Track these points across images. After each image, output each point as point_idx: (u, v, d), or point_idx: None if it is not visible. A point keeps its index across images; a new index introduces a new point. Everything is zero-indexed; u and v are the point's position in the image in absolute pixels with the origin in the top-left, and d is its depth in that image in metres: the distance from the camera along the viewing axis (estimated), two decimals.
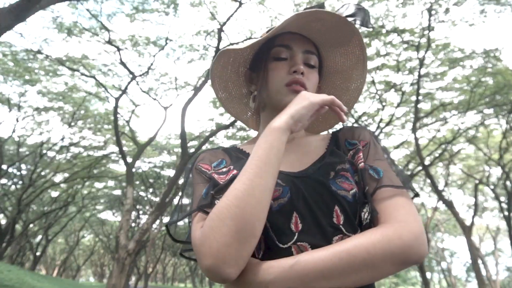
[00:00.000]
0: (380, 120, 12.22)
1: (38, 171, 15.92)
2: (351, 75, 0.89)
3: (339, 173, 0.73)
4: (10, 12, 3.75)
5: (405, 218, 0.64)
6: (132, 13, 10.43)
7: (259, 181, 0.63)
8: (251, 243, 0.61)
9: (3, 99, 13.32)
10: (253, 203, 0.61)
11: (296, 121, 0.70)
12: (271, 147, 0.66)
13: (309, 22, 0.78)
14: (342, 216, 0.68)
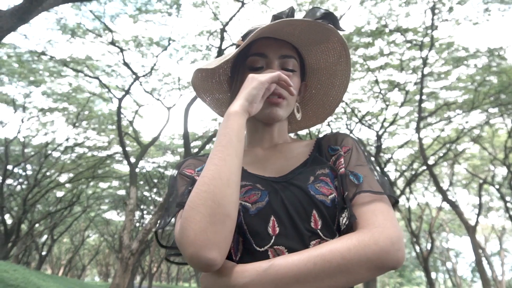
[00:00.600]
0: (383, 119, 12.17)
1: (43, 171, 16.04)
2: (336, 71, 0.89)
3: (319, 178, 0.73)
4: (12, 14, 3.79)
5: (382, 224, 0.64)
6: (135, 14, 10.48)
7: (223, 163, 0.65)
8: (227, 224, 0.62)
9: (9, 100, 13.44)
10: (221, 185, 0.63)
11: (251, 102, 0.72)
12: (230, 130, 0.68)
13: (281, 26, 0.78)
14: (320, 221, 0.69)
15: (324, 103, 0.94)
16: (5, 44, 10.00)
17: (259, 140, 0.87)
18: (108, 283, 29.60)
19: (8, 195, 17.27)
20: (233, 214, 0.64)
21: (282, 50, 0.82)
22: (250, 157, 0.85)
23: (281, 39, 0.83)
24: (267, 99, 0.78)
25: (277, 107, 0.80)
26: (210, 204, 0.62)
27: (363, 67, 10.96)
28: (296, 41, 0.84)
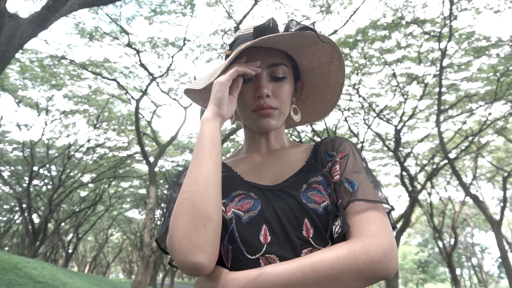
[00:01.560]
0: (402, 113, 11.94)
1: (67, 172, 16.53)
2: (330, 70, 0.87)
3: (311, 185, 0.73)
4: (31, 21, 3.92)
5: (375, 233, 0.64)
6: (150, 16, 10.62)
7: (199, 169, 0.67)
8: (209, 227, 0.64)
9: (32, 103, 13.91)
10: (198, 190, 0.65)
11: (219, 105, 0.74)
12: (203, 137, 0.71)
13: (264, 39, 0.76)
14: (312, 229, 0.68)
15: (322, 100, 0.94)
16: (27, 50, 10.35)
17: (257, 147, 0.87)
18: (131, 280, 30.28)
19: (35, 196, 17.90)
20: (214, 216, 0.65)
21: (270, 58, 0.80)
22: (247, 165, 0.85)
23: (270, 47, 0.81)
24: (257, 112, 0.78)
25: (269, 118, 0.79)
26: (190, 210, 0.64)
27: (380, 60, 10.76)
28: (283, 47, 0.82)
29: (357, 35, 9.93)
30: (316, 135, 14.08)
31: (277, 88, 0.80)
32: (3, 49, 3.56)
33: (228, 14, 10.58)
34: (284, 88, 0.81)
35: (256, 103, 0.79)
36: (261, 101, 0.78)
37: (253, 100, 0.79)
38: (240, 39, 0.81)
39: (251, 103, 0.80)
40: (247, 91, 0.80)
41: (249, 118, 0.82)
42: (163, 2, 10.29)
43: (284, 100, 0.81)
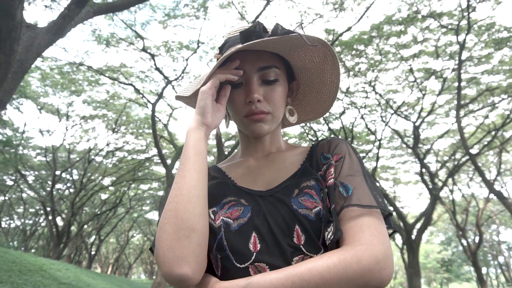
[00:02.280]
0: (420, 109, 11.68)
1: (88, 175, 16.94)
2: (324, 70, 0.84)
3: (303, 190, 0.71)
4: (48, 31, 4.03)
5: (368, 241, 0.61)
6: (164, 20, 10.76)
7: (183, 180, 0.67)
8: (192, 238, 0.63)
9: (53, 110, 14.32)
10: (182, 201, 0.65)
11: (203, 114, 0.74)
12: (187, 147, 0.71)
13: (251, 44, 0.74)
14: (303, 236, 0.66)
15: (318, 100, 0.91)
16: (47, 58, 10.66)
17: (252, 151, 0.86)
18: (153, 280, 30.74)
19: (58, 199, 18.41)
20: (198, 227, 0.64)
21: (260, 62, 0.78)
22: (241, 169, 0.84)
23: (260, 50, 0.79)
24: (249, 117, 0.77)
25: (261, 123, 0.77)
26: (174, 221, 0.63)
27: (396, 56, 10.57)
28: (273, 50, 0.79)
29: (371, 31, 9.78)
30: (332, 133, 13.94)
31: (269, 92, 0.78)
32: (22, 59, 3.67)
33: (241, 16, 10.60)
34: (276, 91, 0.79)
35: (247, 108, 0.77)
36: (252, 106, 0.76)
37: (245, 105, 0.77)
38: (229, 42, 0.78)
39: (243, 109, 0.78)
40: (238, 96, 0.78)
41: (242, 123, 0.80)
42: (176, 6, 10.40)
43: (276, 104, 0.79)
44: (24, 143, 16.52)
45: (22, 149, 16.59)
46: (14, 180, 19.10)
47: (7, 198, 21.94)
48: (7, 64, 2.93)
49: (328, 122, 14.09)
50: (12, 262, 8.14)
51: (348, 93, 12.02)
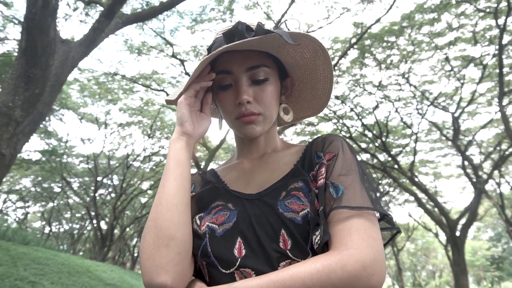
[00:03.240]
0: (459, 99, 11.11)
1: (127, 180, 17.63)
2: (316, 65, 0.81)
3: (290, 193, 0.69)
4: (81, 44, 4.23)
5: (356, 245, 0.58)
6: (192, 25, 10.97)
7: (163, 190, 0.67)
8: (171, 246, 0.63)
9: (93, 119, 15.05)
10: (162, 210, 0.65)
11: (182, 124, 0.74)
12: (168, 158, 0.72)
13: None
14: (290, 241, 0.64)
15: (314, 96, 0.88)
16: (84, 70, 11.22)
17: (247, 152, 0.84)
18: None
19: (101, 204, 19.31)
20: (177, 235, 0.64)
21: (248, 61, 0.75)
22: (236, 172, 0.82)
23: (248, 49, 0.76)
24: (240, 119, 0.75)
25: (253, 125, 0.75)
26: (153, 230, 0.64)
27: (430, 45, 10.12)
28: (260, 48, 0.76)
29: (402, 21, 9.43)
30: (366, 129, 13.60)
31: (259, 92, 0.76)
32: (58, 72, 3.88)
33: (267, 16, 10.60)
34: (266, 91, 0.76)
35: (237, 110, 0.75)
36: (242, 108, 0.74)
37: (235, 107, 0.76)
38: (216, 43, 0.77)
39: (233, 111, 0.76)
40: (228, 98, 0.77)
41: (234, 126, 0.79)
42: (203, 11, 10.57)
43: (267, 104, 0.76)
44: (68, 152, 17.47)
45: (67, 158, 17.57)
46: (60, 187, 20.29)
47: (55, 204, 23.34)
48: (44, 78, 3.11)
49: (361, 118, 13.76)
50: (62, 264, 8.64)
51: (380, 86, 11.66)
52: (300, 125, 17.19)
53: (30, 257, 10.17)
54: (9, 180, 22.74)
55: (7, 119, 2.95)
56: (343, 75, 12.61)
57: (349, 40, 10.48)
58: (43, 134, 15.52)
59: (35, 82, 3.02)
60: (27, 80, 2.99)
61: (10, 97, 2.96)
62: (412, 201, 19.39)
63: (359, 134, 14.58)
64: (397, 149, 14.76)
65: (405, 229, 26.52)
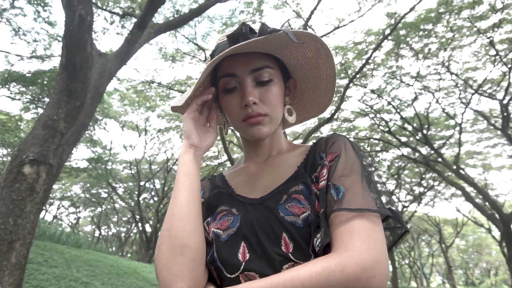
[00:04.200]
0: (508, 84, 10.39)
1: (168, 184, 18.20)
2: (318, 64, 0.81)
3: (291, 196, 0.69)
4: (116, 56, 4.43)
5: (356, 246, 0.57)
6: (222, 29, 11.12)
7: (175, 201, 0.70)
8: (186, 254, 0.66)
9: (133, 126, 15.70)
10: (174, 220, 0.68)
11: (189, 137, 0.77)
12: (178, 171, 0.75)
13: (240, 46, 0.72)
14: (291, 244, 0.64)
15: (317, 95, 0.88)
16: (123, 80, 11.74)
17: (253, 155, 0.85)
18: None
19: (145, 207, 20.10)
20: (191, 243, 0.67)
21: (252, 63, 0.76)
22: (242, 176, 0.83)
23: (250, 51, 0.77)
24: (247, 121, 0.76)
25: (260, 126, 0.76)
26: (168, 240, 0.66)
27: (472, 30, 9.56)
28: (264, 50, 0.77)
29: (439, 7, 8.98)
30: (406, 122, 13.10)
31: (264, 93, 0.76)
32: (97, 84, 4.09)
33: (296, 14, 10.52)
34: (271, 92, 0.77)
35: (244, 112, 0.76)
36: (249, 109, 0.75)
37: (241, 110, 0.76)
38: (219, 48, 0.78)
39: (239, 113, 0.77)
40: (234, 100, 0.77)
41: (240, 128, 0.79)
42: (232, 14, 10.69)
43: (273, 105, 0.77)
44: (112, 158, 18.36)
45: (111, 164, 18.47)
46: (107, 192, 21.36)
47: (103, 209, 24.62)
48: (84, 91, 3.29)
49: (400, 111, 13.27)
50: (111, 266, 9.10)
51: (419, 77, 11.19)
52: (336, 122, 16.90)
53: (82, 260, 10.79)
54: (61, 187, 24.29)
55: (53, 131, 3.16)
56: (378, 68, 12.23)
57: (382, 31, 10.15)
58: (89, 143, 16.40)
59: (76, 95, 3.21)
60: (69, 94, 3.18)
61: (54, 110, 3.16)
62: (459, 195, 18.41)
63: (398, 128, 14.07)
64: (440, 141, 14.09)
65: (454, 224, 25.21)
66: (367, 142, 17.32)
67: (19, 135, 12.04)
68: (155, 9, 4.28)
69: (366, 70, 12.25)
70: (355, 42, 11.25)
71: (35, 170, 3.07)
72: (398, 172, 18.66)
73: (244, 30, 0.71)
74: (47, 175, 3.15)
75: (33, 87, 11.06)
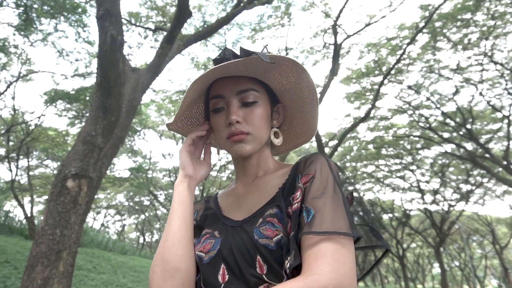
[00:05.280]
0: None
1: (206, 190, 18.59)
2: (301, 88, 0.84)
3: (266, 219, 0.71)
4: (148, 70, 4.61)
5: (320, 270, 0.58)
6: (251, 35, 11.23)
7: (169, 227, 0.76)
8: (176, 277, 0.70)
9: (170, 135, 16.18)
10: (167, 246, 0.73)
11: (184, 168, 0.83)
12: (173, 200, 0.80)
13: (223, 69, 0.76)
14: (265, 266, 0.67)
15: (304, 120, 0.91)
16: (158, 91, 12.16)
17: (242, 175, 0.88)
18: None
19: None
20: (182, 267, 0.71)
21: (238, 86, 0.81)
22: (231, 197, 0.87)
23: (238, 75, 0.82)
24: (231, 139, 0.80)
25: (242, 143, 0.79)
26: (161, 263, 0.71)
27: None
28: (248, 73, 0.82)
29: None
30: (447, 117, 12.50)
31: (248, 113, 0.80)
32: (131, 98, 4.28)
33: (325, 14, 10.40)
34: (255, 113, 0.81)
35: (228, 130, 0.80)
36: (232, 127, 0.79)
37: (226, 128, 0.80)
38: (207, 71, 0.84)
39: (224, 131, 0.81)
40: (220, 120, 0.82)
41: (225, 146, 0.83)
42: (261, 19, 10.77)
43: (256, 124, 0.80)
44: (152, 167, 19.03)
45: (152, 173, 19.15)
46: (149, 200, 22.17)
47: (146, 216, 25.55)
48: (118, 106, 3.45)
49: (440, 106, 12.69)
50: None
51: (459, 69, 10.65)
52: (373, 120, 16.45)
53: (128, 266, 11.26)
54: (106, 197, 25.53)
55: (92, 146, 3.34)
56: (414, 63, 11.78)
57: (416, 25, 9.78)
58: (130, 153, 17.12)
59: (111, 111, 3.38)
60: (105, 110, 3.35)
61: (92, 126, 3.35)
62: None
63: (440, 124, 13.44)
64: (487, 135, 13.28)
65: (508, 224, 23.60)
66: (407, 140, 16.69)
67: (67, 149, 12.83)
68: (182, 22, 4.41)
69: (402, 66, 11.83)
70: (388, 37, 10.92)
71: (77, 183, 3.26)
72: (442, 170, 17.82)
73: (227, 54, 0.77)
74: (88, 188, 3.33)
75: (77, 103, 11.76)
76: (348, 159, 19.05)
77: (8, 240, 9.40)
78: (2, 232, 10.98)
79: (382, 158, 18.51)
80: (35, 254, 3.16)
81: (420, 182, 19.93)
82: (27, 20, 9.01)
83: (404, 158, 18.12)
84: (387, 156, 18.12)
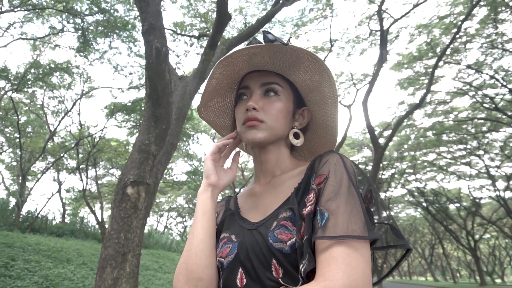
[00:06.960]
0: None
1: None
2: (324, 88, 0.84)
3: (280, 223, 0.70)
4: (194, 77, 4.78)
5: (332, 275, 0.57)
6: (294, 31, 11.14)
7: (192, 237, 0.77)
8: (200, 286, 0.72)
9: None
10: (191, 255, 0.75)
11: (208, 176, 0.84)
12: (196, 208, 0.81)
13: (247, 59, 0.81)
14: (281, 269, 0.66)
15: (326, 125, 0.90)
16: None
17: (260, 174, 0.88)
18: None
19: None
20: (205, 276, 0.73)
21: (263, 78, 0.84)
22: (250, 198, 0.87)
23: (266, 70, 0.85)
24: (245, 124, 0.82)
25: (255, 130, 0.80)
26: (185, 272, 0.73)
27: None
28: (276, 69, 0.84)
29: None
30: None
31: (268, 103, 0.82)
32: (180, 106, 4.47)
33: (368, 0, 10.00)
34: (274, 104, 0.82)
35: (244, 116, 0.82)
36: (248, 113, 0.81)
37: (243, 114, 0.82)
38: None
39: (242, 118, 0.83)
40: (240, 107, 0.85)
41: (241, 133, 0.84)
42: (302, 14, 10.64)
43: (273, 115, 0.81)
44: None
45: None
46: None
47: None
48: (168, 115, 3.63)
49: (507, 83, 11.60)
50: None
51: None
52: (430, 106, 15.48)
53: None
54: (167, 200, 26.87)
55: (146, 154, 3.54)
56: (472, 40, 10.89)
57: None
58: (186, 157, 17.85)
59: (161, 120, 3.56)
60: (155, 119, 3.54)
61: (146, 136, 3.55)
62: None
63: (508, 103, 12.29)
64: None
65: None
66: (471, 123, 15.49)
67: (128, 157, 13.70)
68: (223, 27, 4.50)
69: (458, 45, 11.00)
70: (440, 16, 10.21)
71: (136, 190, 3.48)
72: None
73: (254, 42, 0.80)
74: (146, 194, 3.54)
75: (134, 114, 12.52)
76: (406, 148, 18.14)
77: (84, 244, 10.29)
78: (78, 237, 12.05)
79: (443, 145, 17.40)
80: (104, 257, 3.44)
81: (490, 168, 18.41)
82: (85, 41, 9.78)
83: (468, 143, 16.85)
84: (449, 142, 16.98)
